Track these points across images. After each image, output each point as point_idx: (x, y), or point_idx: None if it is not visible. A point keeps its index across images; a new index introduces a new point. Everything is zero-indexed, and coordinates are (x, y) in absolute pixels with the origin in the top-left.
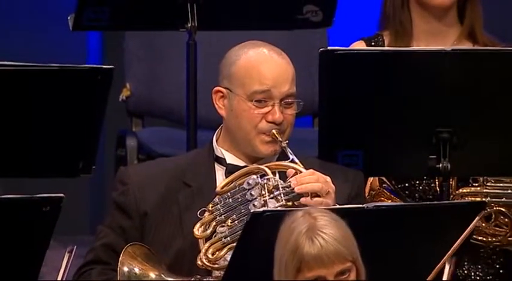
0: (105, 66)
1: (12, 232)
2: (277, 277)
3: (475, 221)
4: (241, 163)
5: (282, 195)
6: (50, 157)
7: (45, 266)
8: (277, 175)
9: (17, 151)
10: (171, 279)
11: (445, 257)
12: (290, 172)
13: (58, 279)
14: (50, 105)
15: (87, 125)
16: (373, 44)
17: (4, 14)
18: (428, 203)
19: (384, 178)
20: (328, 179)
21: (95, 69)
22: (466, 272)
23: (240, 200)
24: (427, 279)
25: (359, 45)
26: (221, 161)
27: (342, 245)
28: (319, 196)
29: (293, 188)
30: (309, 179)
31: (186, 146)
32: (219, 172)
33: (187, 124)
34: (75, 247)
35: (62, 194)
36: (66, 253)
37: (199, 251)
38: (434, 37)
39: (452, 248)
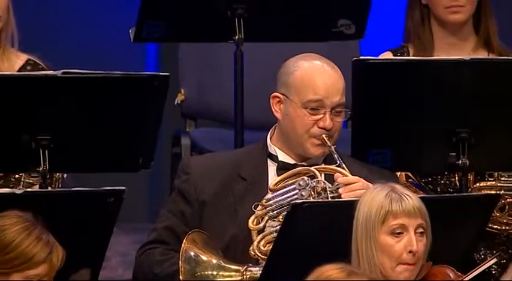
0: (162, 74)
1: (81, 220)
2: (361, 234)
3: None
4: (291, 161)
5: (329, 198)
6: (114, 155)
7: (110, 250)
8: (322, 175)
9: (86, 150)
10: (226, 264)
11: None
12: (337, 176)
13: None
14: (113, 108)
15: (146, 126)
16: (399, 54)
17: (72, 26)
18: (449, 195)
19: (409, 174)
20: (371, 185)
21: (153, 77)
22: (482, 256)
23: (290, 199)
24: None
25: (386, 56)
26: (273, 158)
27: (422, 205)
28: None
29: (340, 193)
30: (356, 186)
31: (233, 144)
32: (271, 167)
33: (234, 125)
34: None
35: (124, 187)
36: None
37: (252, 242)
38: (454, 47)
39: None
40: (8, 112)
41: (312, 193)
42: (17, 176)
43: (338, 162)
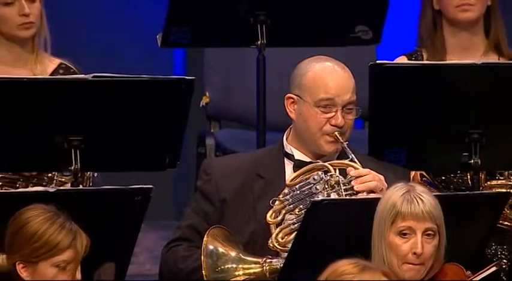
0: (188, 78)
1: (111, 217)
2: (376, 229)
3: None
4: (307, 159)
5: (343, 190)
6: (142, 154)
7: (138, 246)
8: (337, 171)
9: (115, 149)
10: (246, 257)
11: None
12: (349, 170)
13: None
14: (142, 110)
15: (173, 127)
16: (413, 58)
17: (103, 31)
18: (461, 193)
19: (423, 172)
20: (382, 177)
21: (180, 80)
22: (493, 251)
23: (306, 192)
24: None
25: (401, 60)
26: (290, 157)
27: (434, 209)
28: (374, 192)
29: (352, 185)
30: (367, 178)
31: (256, 145)
32: (288, 166)
33: (257, 126)
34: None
35: (151, 186)
36: None
37: (271, 235)
38: (465, 52)
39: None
40: (41, 114)
41: (326, 186)
42: (50, 175)
43: (350, 157)
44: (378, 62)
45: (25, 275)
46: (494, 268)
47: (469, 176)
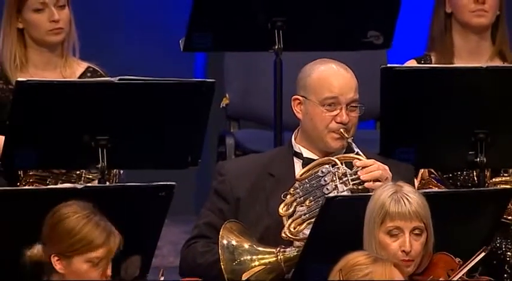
0: (208, 80)
1: (136, 212)
2: (366, 230)
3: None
4: (315, 157)
5: (350, 180)
6: (165, 153)
7: (161, 240)
8: (343, 164)
9: (140, 148)
10: (261, 248)
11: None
12: (355, 162)
13: None
14: (165, 111)
15: (195, 127)
16: (422, 62)
17: (128, 36)
18: (468, 189)
19: (432, 170)
20: (386, 167)
21: (201, 83)
22: (498, 245)
23: (315, 185)
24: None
25: (411, 63)
26: (299, 155)
27: (420, 208)
28: (379, 181)
29: (359, 175)
30: (372, 168)
31: (273, 144)
32: (297, 164)
33: (274, 126)
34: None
35: (174, 183)
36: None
37: (283, 227)
38: (472, 56)
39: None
40: (70, 115)
41: (334, 177)
42: (78, 172)
43: (356, 150)
44: (389, 65)
45: (59, 267)
46: (483, 254)
47: (475, 174)
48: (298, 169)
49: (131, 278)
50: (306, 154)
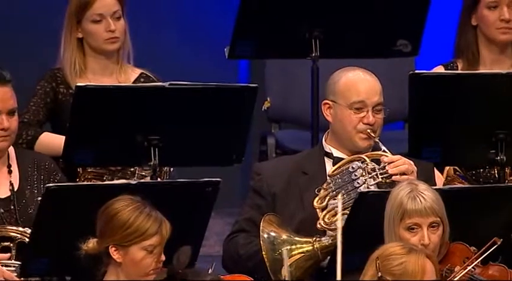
0: (251, 85)
1: (185, 206)
2: (386, 226)
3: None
4: (344, 156)
5: (378, 175)
6: (212, 151)
7: (208, 231)
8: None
9: (189, 147)
10: (298, 238)
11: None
12: (383, 158)
13: None
14: (212, 113)
15: (239, 128)
16: (449, 68)
17: (177, 44)
18: (489, 185)
19: (456, 167)
20: (412, 162)
21: (244, 88)
22: None
23: (346, 180)
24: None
25: (439, 69)
26: (329, 155)
27: (435, 204)
28: (405, 175)
29: (386, 170)
30: (399, 163)
31: (310, 143)
32: (328, 163)
33: (311, 127)
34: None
35: (219, 179)
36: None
37: (318, 218)
38: (495, 63)
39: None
40: (124, 117)
41: (364, 173)
42: (132, 169)
43: (382, 148)
44: (417, 71)
45: (117, 257)
46: (497, 244)
47: (495, 171)
48: (329, 167)
49: (183, 266)
50: (336, 153)
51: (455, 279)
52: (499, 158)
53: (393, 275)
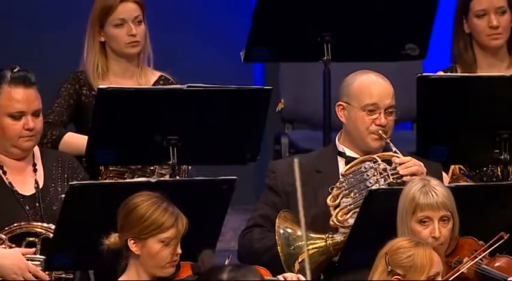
0: (266, 87)
1: (202, 203)
2: (399, 219)
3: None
4: (356, 156)
5: (389, 175)
6: (228, 151)
7: (225, 226)
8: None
9: (206, 147)
10: (312, 234)
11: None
12: (394, 159)
13: None
14: (227, 114)
15: (253, 128)
16: (449, 73)
17: (195, 47)
18: (493, 183)
19: (462, 166)
20: (422, 163)
21: (259, 90)
22: None
23: (359, 179)
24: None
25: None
26: (342, 154)
27: (446, 199)
28: (416, 175)
29: (398, 171)
30: (409, 164)
31: (322, 143)
32: (341, 162)
33: (323, 127)
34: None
35: (235, 177)
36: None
37: (331, 216)
38: (492, 66)
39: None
40: (144, 118)
41: (375, 173)
42: (151, 168)
43: (394, 149)
44: (424, 74)
45: (135, 249)
46: (503, 238)
47: (499, 170)
48: (342, 166)
49: (207, 268)
50: (349, 153)
51: (463, 270)
52: (502, 157)
53: (403, 268)
